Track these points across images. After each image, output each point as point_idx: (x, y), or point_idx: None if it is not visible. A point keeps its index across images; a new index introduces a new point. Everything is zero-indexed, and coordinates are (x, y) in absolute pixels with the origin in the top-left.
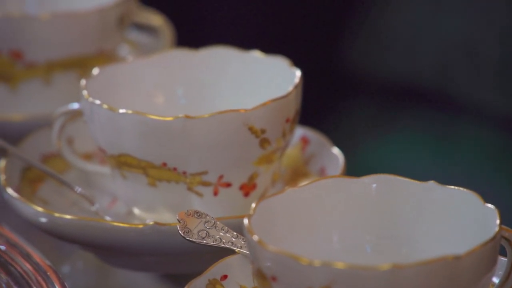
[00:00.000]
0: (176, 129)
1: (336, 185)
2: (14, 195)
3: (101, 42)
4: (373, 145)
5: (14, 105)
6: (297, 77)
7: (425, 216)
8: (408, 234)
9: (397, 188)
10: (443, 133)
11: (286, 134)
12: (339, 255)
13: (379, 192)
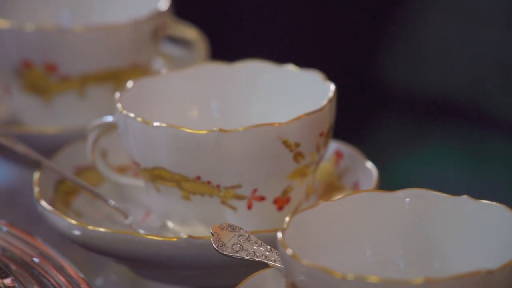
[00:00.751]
0: (210, 142)
1: (370, 199)
2: (48, 207)
3: (135, 55)
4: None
5: (48, 118)
6: (331, 91)
7: (458, 230)
8: (441, 248)
9: (430, 202)
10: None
11: (320, 148)
12: (372, 269)
13: (412, 206)
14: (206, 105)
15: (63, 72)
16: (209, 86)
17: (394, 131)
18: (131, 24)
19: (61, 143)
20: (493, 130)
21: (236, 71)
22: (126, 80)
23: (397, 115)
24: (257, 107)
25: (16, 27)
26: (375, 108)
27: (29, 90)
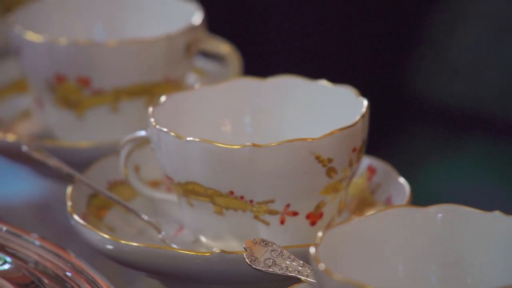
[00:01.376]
0: (243, 157)
1: (402, 214)
2: (81, 221)
3: (169, 70)
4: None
5: (81, 132)
6: (364, 106)
7: (490, 245)
8: (473, 264)
9: (463, 218)
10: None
11: (353, 163)
12: (404, 284)
13: (444, 221)
14: (239, 120)
15: (96, 86)
16: (243, 101)
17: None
18: (164, 39)
19: (94, 158)
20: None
21: (269, 86)
22: (159, 94)
23: (429, 129)
24: (290, 122)
25: (49, 41)
26: (407, 123)
27: (62, 104)
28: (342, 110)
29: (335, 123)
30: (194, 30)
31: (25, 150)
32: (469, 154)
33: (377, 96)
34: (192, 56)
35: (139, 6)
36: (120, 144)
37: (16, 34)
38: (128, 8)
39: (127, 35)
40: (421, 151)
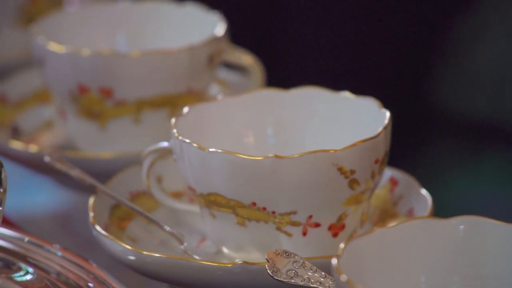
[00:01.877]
0: (265, 168)
1: (424, 226)
2: (103, 232)
3: (191, 81)
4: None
5: (103, 143)
6: (387, 118)
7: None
8: (495, 275)
9: (485, 230)
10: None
11: (375, 175)
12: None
13: (466, 233)
14: (262, 131)
15: (119, 97)
16: (265, 112)
17: (448, 157)
18: (187, 50)
19: (116, 168)
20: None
21: (292, 97)
22: (181, 105)
23: (451, 140)
24: (313, 133)
25: (72, 51)
26: (429, 134)
27: (84, 115)
28: (365, 122)
29: (357, 135)
30: (217, 41)
31: (48, 161)
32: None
33: (399, 107)
34: (214, 67)
35: (162, 16)
36: (143, 155)
37: (38, 44)
38: (151, 18)
39: (149, 46)
40: (443, 162)
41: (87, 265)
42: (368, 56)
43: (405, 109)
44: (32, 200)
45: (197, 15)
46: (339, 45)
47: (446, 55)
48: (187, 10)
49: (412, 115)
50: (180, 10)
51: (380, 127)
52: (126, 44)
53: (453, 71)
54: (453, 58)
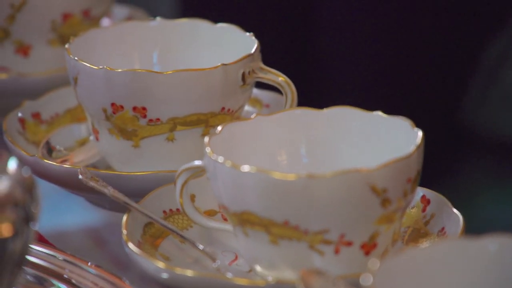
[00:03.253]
0: (298, 187)
1: (456, 245)
2: (136, 250)
3: (225, 100)
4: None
5: (137, 161)
6: (419, 137)
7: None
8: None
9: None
10: None
11: (407, 194)
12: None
13: (498, 252)
14: (295, 150)
15: (153, 115)
16: (298, 131)
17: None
18: (221, 68)
19: (150, 187)
20: None
21: (325, 117)
22: (215, 124)
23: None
24: (345, 152)
25: (106, 70)
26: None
27: (118, 134)
28: (397, 141)
29: (390, 154)
30: (250, 60)
31: (81, 179)
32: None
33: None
34: (248, 86)
35: (196, 35)
36: (176, 174)
37: (73, 62)
38: (184, 37)
39: (183, 64)
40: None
41: (120, 283)
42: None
43: (437, 128)
44: (66, 217)
45: (231, 34)
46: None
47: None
48: (220, 28)
49: (444, 134)
50: (214, 28)
51: (412, 147)
52: (160, 62)
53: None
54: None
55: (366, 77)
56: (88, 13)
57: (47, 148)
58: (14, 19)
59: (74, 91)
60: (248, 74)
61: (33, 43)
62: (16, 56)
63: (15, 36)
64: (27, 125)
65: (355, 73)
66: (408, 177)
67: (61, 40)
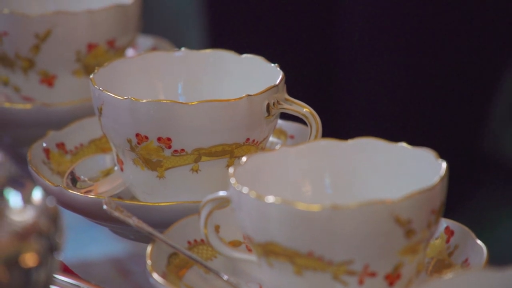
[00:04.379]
0: (323, 218)
1: (480, 276)
2: (160, 280)
3: (249, 130)
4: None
5: (161, 192)
6: (443, 169)
7: None
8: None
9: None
10: None
11: (431, 225)
12: None
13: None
14: (319, 180)
15: (177, 146)
16: (323, 162)
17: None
18: (246, 100)
19: (174, 217)
20: None
21: (349, 148)
22: (240, 155)
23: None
24: (370, 183)
25: (131, 100)
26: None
27: (142, 164)
28: (421, 172)
29: (414, 185)
30: (275, 91)
31: (106, 209)
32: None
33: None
34: (272, 117)
35: (221, 66)
36: (201, 204)
37: (97, 93)
38: (209, 67)
39: (208, 95)
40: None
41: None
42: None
43: (460, 160)
44: (90, 247)
45: (256, 65)
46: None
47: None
48: (245, 59)
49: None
50: (239, 59)
51: (436, 178)
52: (184, 92)
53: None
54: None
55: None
56: (113, 43)
57: (72, 178)
58: (39, 49)
59: (98, 121)
60: (273, 105)
61: (58, 73)
62: (40, 86)
63: (40, 66)
64: (51, 155)
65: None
66: (432, 208)
67: (86, 71)
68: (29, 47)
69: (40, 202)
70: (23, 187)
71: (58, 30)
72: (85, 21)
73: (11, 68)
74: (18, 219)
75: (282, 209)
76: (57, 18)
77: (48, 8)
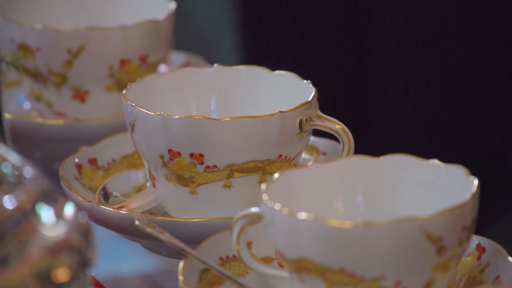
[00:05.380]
0: (355, 235)
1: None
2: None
3: (282, 147)
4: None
5: (194, 208)
6: (474, 186)
7: None
8: None
9: None
10: None
11: (463, 242)
12: None
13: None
14: (351, 197)
15: (210, 162)
16: (355, 178)
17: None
18: (278, 116)
19: (206, 233)
20: None
21: (381, 164)
22: (272, 171)
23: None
24: (401, 200)
25: (163, 116)
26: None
27: (175, 180)
28: (453, 189)
29: (445, 202)
30: (307, 107)
31: (138, 225)
32: None
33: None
34: (305, 133)
35: (253, 82)
36: (233, 221)
37: (130, 108)
38: (242, 84)
39: (240, 111)
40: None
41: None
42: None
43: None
44: (122, 263)
45: (288, 81)
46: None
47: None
48: (278, 76)
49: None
50: (271, 75)
51: (468, 195)
52: (217, 108)
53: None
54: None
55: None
56: (146, 59)
57: (104, 194)
58: (72, 64)
59: (131, 137)
60: (306, 122)
61: (90, 89)
62: (73, 102)
63: (72, 82)
64: (83, 171)
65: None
66: (463, 225)
67: (118, 86)
68: (62, 63)
69: (72, 217)
70: (55, 202)
71: (91, 46)
72: (117, 37)
73: (44, 84)
74: (50, 234)
75: (314, 225)
76: (90, 33)
77: (81, 24)
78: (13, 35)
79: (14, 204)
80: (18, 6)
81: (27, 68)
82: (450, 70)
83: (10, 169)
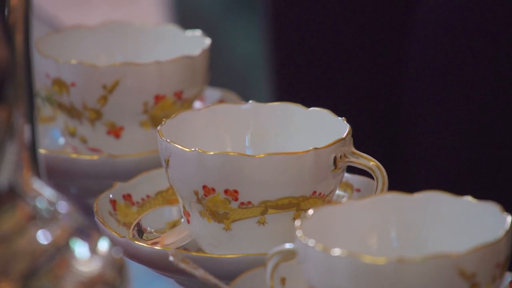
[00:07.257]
0: (388, 271)
1: None
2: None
3: (316, 183)
4: None
5: (228, 244)
6: (508, 222)
7: None
8: None
9: None
10: None
11: (496, 278)
12: None
13: None
14: (385, 233)
15: (244, 199)
16: (389, 215)
17: None
18: (313, 153)
19: (240, 269)
20: None
21: (415, 201)
22: (306, 208)
23: None
24: (435, 236)
25: (198, 153)
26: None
27: (209, 216)
28: (486, 226)
29: (479, 238)
30: (342, 144)
31: (172, 261)
32: None
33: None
34: (339, 170)
35: (288, 118)
36: (267, 257)
37: (164, 144)
38: (276, 120)
39: (275, 148)
40: None
41: None
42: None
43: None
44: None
45: (323, 118)
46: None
47: None
48: (312, 112)
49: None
50: (306, 112)
51: (501, 231)
52: (252, 145)
53: None
54: None
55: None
56: (181, 95)
57: (138, 230)
58: (107, 100)
59: (165, 173)
60: (340, 159)
61: (125, 125)
62: (107, 137)
63: (107, 118)
64: (118, 207)
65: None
66: (497, 262)
67: (153, 122)
68: (97, 98)
69: (106, 253)
70: (89, 238)
71: (126, 81)
72: (153, 73)
73: (79, 119)
74: (84, 269)
75: (348, 262)
76: (125, 69)
77: (116, 59)
78: (49, 70)
79: (48, 239)
80: (53, 41)
81: (62, 103)
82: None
83: (45, 204)
